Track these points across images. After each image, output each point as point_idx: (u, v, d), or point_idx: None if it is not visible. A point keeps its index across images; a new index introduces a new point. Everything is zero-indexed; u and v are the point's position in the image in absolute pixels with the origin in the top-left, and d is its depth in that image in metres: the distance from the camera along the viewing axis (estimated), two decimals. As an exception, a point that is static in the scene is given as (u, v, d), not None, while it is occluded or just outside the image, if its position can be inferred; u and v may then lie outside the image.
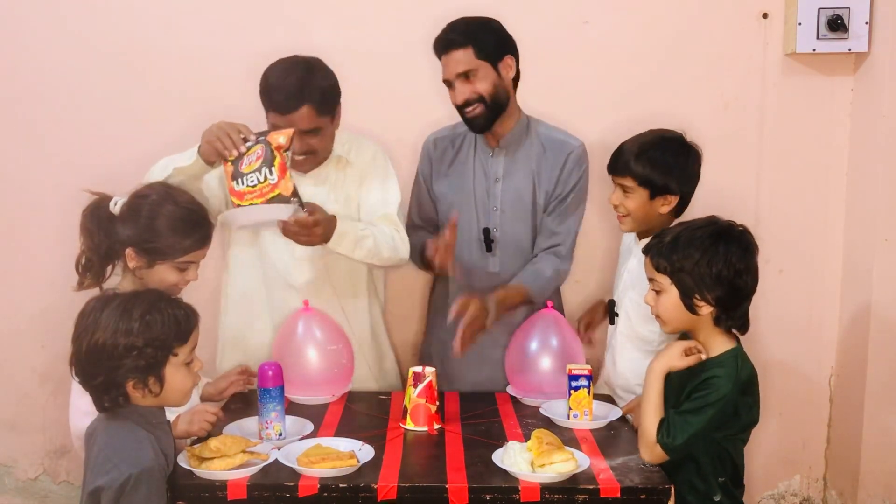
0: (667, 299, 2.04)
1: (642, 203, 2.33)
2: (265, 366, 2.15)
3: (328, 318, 2.47)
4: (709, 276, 1.98)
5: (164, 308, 1.83)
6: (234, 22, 2.98)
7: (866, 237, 2.92)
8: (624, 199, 2.34)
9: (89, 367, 1.78)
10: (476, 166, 2.58)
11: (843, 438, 3.08)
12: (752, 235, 2.06)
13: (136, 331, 1.77)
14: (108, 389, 1.78)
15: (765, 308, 3.05)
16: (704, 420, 1.96)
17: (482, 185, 2.57)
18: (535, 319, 2.45)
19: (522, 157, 2.56)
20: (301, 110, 2.32)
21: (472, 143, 2.60)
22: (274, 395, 2.11)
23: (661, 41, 2.99)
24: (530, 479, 1.86)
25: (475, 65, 2.42)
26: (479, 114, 2.46)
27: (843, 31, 2.86)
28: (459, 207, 2.55)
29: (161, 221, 2.12)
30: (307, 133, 2.37)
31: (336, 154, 2.51)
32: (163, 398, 1.84)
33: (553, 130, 2.61)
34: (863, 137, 2.95)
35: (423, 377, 2.21)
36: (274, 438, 2.10)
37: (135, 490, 1.71)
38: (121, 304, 1.81)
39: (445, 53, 2.44)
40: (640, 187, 2.31)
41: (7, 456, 3.22)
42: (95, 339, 1.76)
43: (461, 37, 2.42)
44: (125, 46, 3.00)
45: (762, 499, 3.22)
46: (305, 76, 2.33)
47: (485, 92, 2.44)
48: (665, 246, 2.03)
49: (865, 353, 2.90)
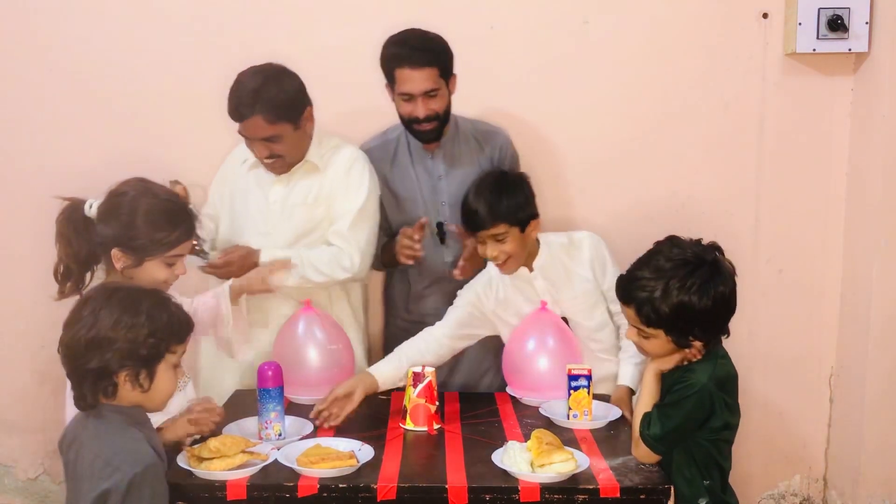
0: (657, 342, 2.04)
1: (519, 239, 2.37)
2: (265, 366, 2.15)
3: (328, 318, 2.48)
4: (699, 315, 1.96)
5: (170, 307, 1.84)
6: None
7: (866, 237, 2.92)
8: (502, 247, 2.36)
9: (85, 354, 1.75)
10: (417, 168, 2.69)
11: (843, 438, 3.08)
12: (718, 247, 2.04)
13: (141, 322, 1.77)
14: (98, 379, 1.76)
15: (765, 308, 3.06)
16: (682, 412, 1.96)
17: (427, 183, 2.68)
18: (534, 319, 2.45)
19: (459, 154, 2.69)
20: (253, 119, 2.41)
21: (406, 147, 2.70)
22: (274, 395, 2.11)
23: (660, 41, 2.99)
24: (530, 479, 1.86)
25: (438, 84, 2.53)
26: (432, 129, 2.59)
27: (843, 31, 2.85)
28: (409, 207, 2.68)
29: (146, 217, 2.10)
30: (267, 139, 2.45)
31: (308, 159, 2.57)
32: (148, 397, 1.82)
33: (476, 123, 2.76)
34: (863, 137, 2.95)
35: (423, 377, 2.21)
36: (274, 438, 2.10)
37: (140, 489, 1.70)
38: (129, 296, 1.81)
39: (413, 68, 2.49)
40: (511, 227, 2.35)
41: (7, 456, 3.22)
42: (98, 328, 1.75)
43: (431, 55, 2.52)
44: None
45: (762, 499, 3.22)
46: (260, 86, 2.40)
47: (441, 110, 2.57)
48: (657, 302, 1.97)
49: (865, 353, 2.90)
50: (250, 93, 2.39)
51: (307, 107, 2.51)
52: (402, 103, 2.56)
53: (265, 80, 2.41)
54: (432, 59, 2.51)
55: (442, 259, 2.68)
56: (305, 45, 2.93)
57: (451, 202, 2.64)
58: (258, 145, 2.47)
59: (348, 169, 2.58)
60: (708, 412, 1.98)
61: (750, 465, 3.12)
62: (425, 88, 2.51)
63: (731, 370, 2.04)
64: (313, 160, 2.57)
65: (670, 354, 2.05)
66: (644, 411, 2.04)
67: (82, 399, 1.79)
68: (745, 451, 2.99)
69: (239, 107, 2.41)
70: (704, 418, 1.98)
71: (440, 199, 2.68)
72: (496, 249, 2.37)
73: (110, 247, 2.10)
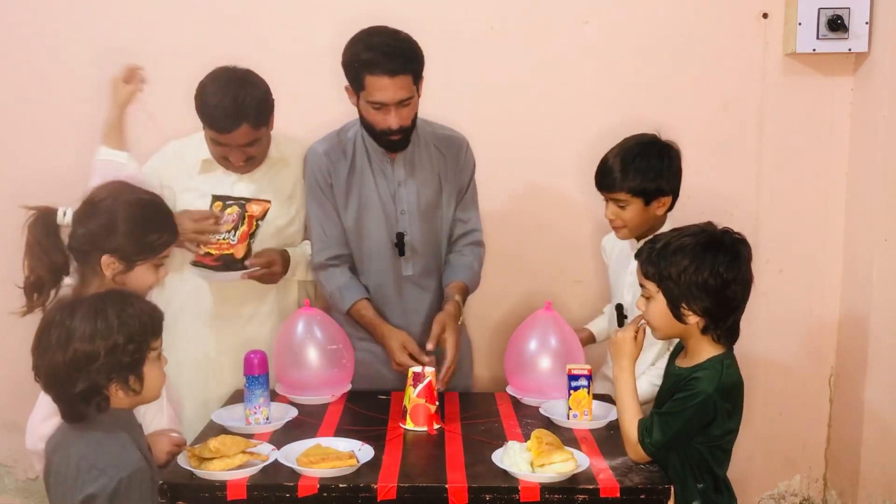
0: (655, 306, 2.02)
1: (639, 212, 2.35)
2: (250, 354, 2.20)
3: (328, 318, 2.48)
4: (695, 286, 1.95)
5: (134, 303, 1.80)
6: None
7: (866, 237, 2.92)
8: (620, 213, 2.37)
9: (69, 377, 1.71)
10: (375, 173, 2.50)
11: (843, 438, 3.08)
12: (745, 244, 2.02)
13: (115, 329, 1.73)
14: (89, 397, 1.73)
15: (765, 308, 3.06)
16: (684, 420, 1.95)
17: (385, 190, 2.50)
18: (534, 320, 2.45)
19: (419, 160, 2.51)
20: (240, 129, 2.36)
21: (364, 151, 2.50)
22: (261, 381, 2.19)
23: (660, 41, 2.99)
24: (530, 479, 1.86)
25: (412, 91, 2.35)
26: (402, 139, 2.42)
27: (843, 31, 2.86)
28: (366, 215, 2.50)
29: (134, 220, 2.06)
30: (246, 145, 2.41)
31: (273, 156, 2.55)
32: (143, 396, 1.81)
33: (437, 128, 2.58)
34: (863, 137, 2.95)
35: (423, 377, 2.21)
36: (262, 423, 2.17)
37: (127, 494, 1.69)
38: (92, 307, 1.75)
39: (389, 76, 2.28)
40: (634, 198, 2.34)
41: (7, 456, 3.22)
42: (74, 348, 1.71)
43: (406, 62, 2.32)
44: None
45: (762, 499, 3.22)
46: (240, 93, 2.34)
47: (411, 118, 2.40)
48: (654, 252, 2.01)
49: (865, 353, 2.90)
50: (233, 103, 2.32)
51: (273, 107, 2.46)
52: (370, 111, 2.35)
53: (242, 88, 2.35)
54: (407, 65, 2.31)
55: (401, 273, 2.53)
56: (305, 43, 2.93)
57: (409, 210, 2.50)
58: (236, 151, 2.41)
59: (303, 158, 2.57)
60: (709, 420, 1.96)
61: (750, 465, 3.12)
62: (400, 98, 2.30)
63: (736, 378, 2.01)
64: (278, 155, 2.55)
65: (672, 333, 2.04)
66: (633, 413, 2.02)
67: (74, 415, 1.77)
68: (745, 451, 2.99)
69: (224, 120, 2.34)
70: (704, 425, 1.97)
71: (400, 207, 2.50)
72: (613, 213, 2.38)
73: (91, 254, 2.05)
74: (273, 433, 2.16)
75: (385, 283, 2.54)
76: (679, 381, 2.01)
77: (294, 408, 2.29)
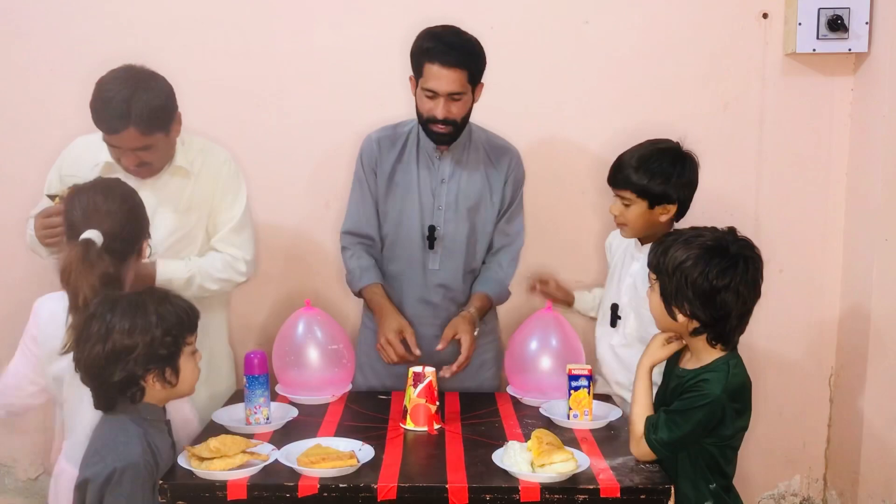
0: (653, 297, 2.05)
1: (642, 213, 2.35)
2: (250, 354, 2.21)
3: (328, 318, 2.48)
4: (685, 284, 1.96)
5: (172, 300, 1.90)
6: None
7: (866, 237, 2.92)
8: (624, 211, 2.37)
9: (107, 368, 1.81)
10: (421, 166, 2.59)
11: (843, 438, 3.08)
12: (752, 258, 1.99)
13: (153, 324, 1.82)
14: (126, 387, 1.83)
15: (765, 308, 3.04)
16: (691, 423, 1.95)
17: (427, 184, 2.58)
18: (535, 320, 2.46)
19: (468, 161, 2.59)
20: (127, 131, 2.24)
21: (416, 145, 2.60)
22: (261, 381, 2.20)
23: (660, 41, 2.99)
24: (530, 479, 1.86)
25: (465, 89, 2.43)
26: (446, 133, 2.49)
27: (843, 31, 2.86)
28: (405, 203, 2.58)
29: (141, 207, 2.14)
30: (138, 149, 2.30)
31: (177, 164, 2.43)
32: (178, 389, 1.90)
33: (492, 136, 2.66)
34: (863, 137, 2.95)
35: (423, 377, 2.21)
36: (262, 423, 2.18)
37: (118, 485, 1.74)
38: (132, 303, 1.85)
39: (443, 66, 2.39)
40: (639, 199, 2.34)
41: (7, 456, 3.22)
42: (113, 340, 1.80)
43: (464, 58, 2.41)
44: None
45: (762, 499, 3.22)
46: (131, 96, 2.22)
47: (460, 115, 2.47)
48: (661, 245, 2.04)
49: (865, 353, 2.90)
50: (122, 104, 2.21)
51: (177, 111, 2.36)
52: (423, 99, 2.45)
53: (136, 89, 2.24)
54: (464, 61, 2.40)
55: (427, 266, 2.59)
56: (308, 44, 2.94)
57: (447, 207, 2.57)
58: (128, 155, 2.30)
59: (224, 174, 2.49)
60: (718, 422, 1.97)
61: (750, 465, 3.12)
62: (451, 90, 2.41)
63: (744, 379, 2.01)
64: (182, 164, 2.42)
65: (668, 327, 2.04)
66: (644, 410, 2.03)
67: (109, 403, 1.86)
68: (745, 451, 2.95)
69: (110, 120, 2.23)
70: (713, 427, 1.97)
71: (438, 202, 2.57)
72: (617, 209, 2.39)
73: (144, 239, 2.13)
74: (273, 433, 2.16)
75: (408, 272, 2.60)
76: (684, 382, 2.01)
77: (294, 408, 2.30)
